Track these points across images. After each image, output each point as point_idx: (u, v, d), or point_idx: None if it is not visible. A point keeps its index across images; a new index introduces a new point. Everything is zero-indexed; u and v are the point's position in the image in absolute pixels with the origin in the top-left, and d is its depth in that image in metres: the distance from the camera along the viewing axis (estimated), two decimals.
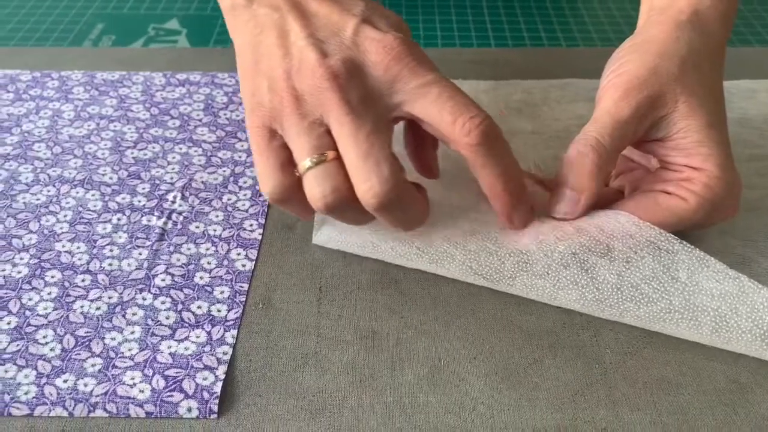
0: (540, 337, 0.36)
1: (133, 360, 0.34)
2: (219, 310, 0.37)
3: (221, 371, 0.34)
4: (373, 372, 0.34)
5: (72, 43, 0.65)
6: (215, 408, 0.32)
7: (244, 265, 0.39)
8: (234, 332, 0.36)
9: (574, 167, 0.36)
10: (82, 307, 0.37)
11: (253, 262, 0.40)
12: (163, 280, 0.38)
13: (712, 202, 0.36)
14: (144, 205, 0.43)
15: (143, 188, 0.44)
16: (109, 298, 0.37)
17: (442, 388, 0.33)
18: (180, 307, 0.37)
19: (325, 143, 0.33)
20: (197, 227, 0.42)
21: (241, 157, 0.47)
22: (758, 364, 0.34)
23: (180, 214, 0.42)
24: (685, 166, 0.37)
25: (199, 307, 0.37)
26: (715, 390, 0.33)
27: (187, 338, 0.35)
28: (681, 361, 0.35)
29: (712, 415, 0.32)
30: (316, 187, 0.33)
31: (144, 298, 0.37)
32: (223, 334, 0.35)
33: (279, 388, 0.33)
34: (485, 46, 0.65)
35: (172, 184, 0.45)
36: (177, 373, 0.33)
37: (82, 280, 0.38)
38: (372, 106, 0.33)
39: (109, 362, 0.34)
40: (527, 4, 0.73)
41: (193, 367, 0.34)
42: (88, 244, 0.40)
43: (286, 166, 0.34)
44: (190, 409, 0.32)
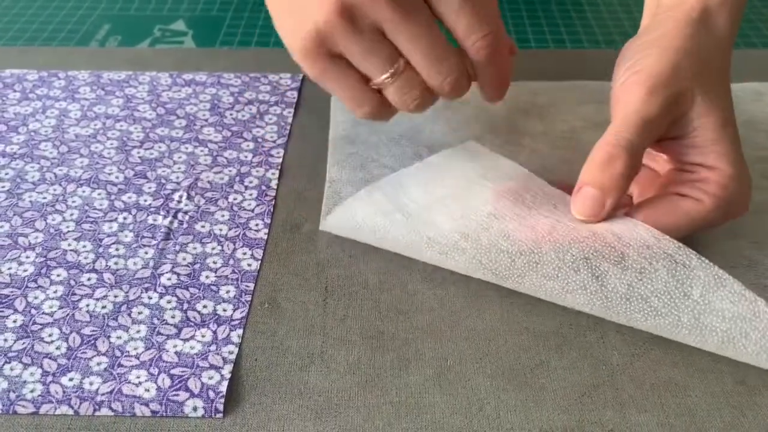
0: (547, 338, 0.36)
1: (138, 359, 0.34)
2: (225, 310, 0.37)
3: (227, 370, 0.34)
4: (379, 372, 0.34)
5: (78, 44, 0.65)
6: (221, 407, 0.32)
7: (249, 265, 0.39)
8: (240, 332, 0.36)
9: (605, 168, 0.35)
10: (88, 305, 0.36)
11: (259, 262, 0.39)
12: (169, 279, 0.38)
13: (727, 200, 0.36)
14: (150, 205, 0.43)
15: (149, 187, 0.44)
16: (115, 296, 0.37)
17: (448, 388, 0.33)
18: (186, 306, 0.37)
19: (390, 53, 0.35)
20: (203, 227, 0.42)
21: (247, 157, 0.47)
22: None
23: (186, 213, 0.42)
24: (700, 165, 0.36)
25: (205, 307, 0.37)
26: (723, 392, 0.33)
27: (192, 337, 0.35)
28: (688, 362, 0.34)
29: (720, 417, 0.32)
30: (402, 96, 0.36)
31: (150, 297, 0.37)
32: (229, 334, 0.35)
33: (284, 387, 0.33)
34: None
35: (178, 183, 0.45)
36: (182, 372, 0.33)
37: (88, 279, 0.38)
38: (417, 1, 0.35)
39: (115, 361, 0.34)
40: (533, 7, 0.73)
41: (198, 366, 0.34)
42: (94, 243, 0.40)
43: (366, 84, 0.36)
44: (195, 408, 0.32)
